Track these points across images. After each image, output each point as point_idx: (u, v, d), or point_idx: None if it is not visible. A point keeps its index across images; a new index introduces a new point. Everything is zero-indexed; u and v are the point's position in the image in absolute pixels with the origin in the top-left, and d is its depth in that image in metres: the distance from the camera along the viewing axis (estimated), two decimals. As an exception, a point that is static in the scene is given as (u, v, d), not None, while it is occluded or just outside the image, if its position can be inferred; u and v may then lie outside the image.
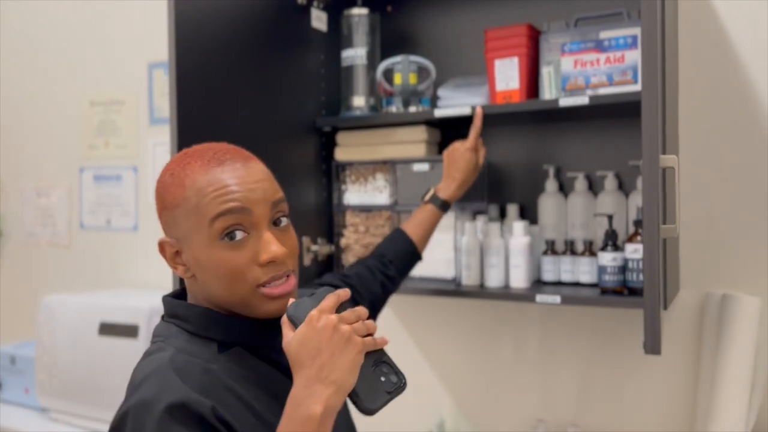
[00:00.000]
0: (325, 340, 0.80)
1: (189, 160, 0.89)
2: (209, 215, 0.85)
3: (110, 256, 2.51)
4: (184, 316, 0.90)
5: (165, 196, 0.89)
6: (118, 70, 2.48)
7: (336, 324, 0.81)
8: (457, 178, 1.51)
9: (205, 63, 1.42)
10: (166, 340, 0.88)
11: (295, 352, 0.81)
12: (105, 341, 2.00)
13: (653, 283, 0.95)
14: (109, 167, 2.52)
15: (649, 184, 0.95)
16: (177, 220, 0.88)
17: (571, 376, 1.73)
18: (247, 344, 0.90)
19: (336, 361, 0.79)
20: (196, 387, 0.81)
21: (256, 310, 0.87)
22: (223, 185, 0.86)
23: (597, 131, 1.67)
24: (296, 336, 0.81)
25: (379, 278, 1.36)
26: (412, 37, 1.87)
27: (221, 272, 0.85)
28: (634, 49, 1.53)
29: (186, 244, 0.88)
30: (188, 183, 0.87)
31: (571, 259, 1.59)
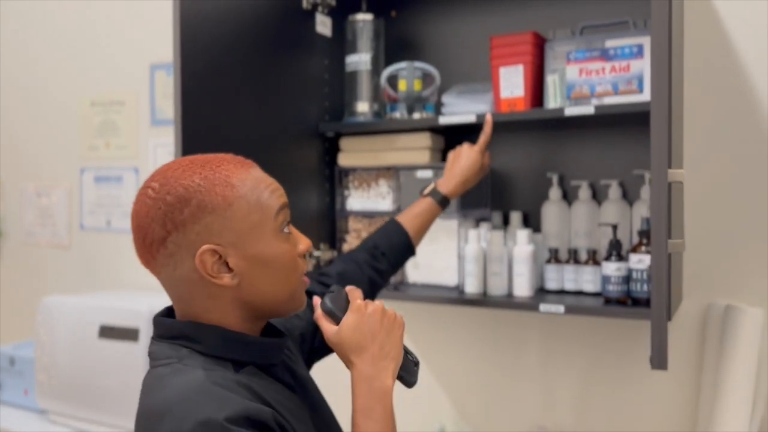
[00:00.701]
0: (378, 323, 0.91)
1: (218, 163, 0.87)
2: (274, 207, 0.87)
3: (110, 257, 2.51)
4: (194, 337, 0.85)
5: (207, 200, 0.83)
6: (119, 71, 2.47)
7: (383, 309, 0.93)
8: (458, 175, 1.49)
9: (209, 66, 1.41)
10: (182, 361, 0.83)
11: (350, 338, 0.90)
12: (105, 344, 2.00)
13: (660, 298, 0.95)
14: (109, 168, 2.51)
15: (656, 198, 0.95)
16: (229, 221, 0.84)
17: (572, 385, 1.73)
18: (258, 363, 0.89)
19: (392, 339, 0.92)
20: (247, 398, 0.80)
21: (297, 302, 0.91)
22: (270, 182, 0.89)
23: (601, 140, 1.67)
24: (348, 324, 0.91)
25: (368, 273, 1.32)
26: (416, 42, 1.87)
27: (284, 263, 0.88)
28: (640, 59, 1.53)
29: (238, 246, 0.84)
30: (236, 181, 0.85)
31: (575, 268, 1.59)
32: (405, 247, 1.40)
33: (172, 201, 0.83)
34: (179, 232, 0.83)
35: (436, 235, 1.67)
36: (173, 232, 0.83)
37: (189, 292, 0.86)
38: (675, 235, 1.04)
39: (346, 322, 0.91)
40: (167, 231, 0.83)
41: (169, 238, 0.83)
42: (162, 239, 0.83)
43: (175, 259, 0.84)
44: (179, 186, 0.83)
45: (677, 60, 1.28)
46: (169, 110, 2.37)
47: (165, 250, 0.84)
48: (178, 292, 0.87)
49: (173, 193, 0.83)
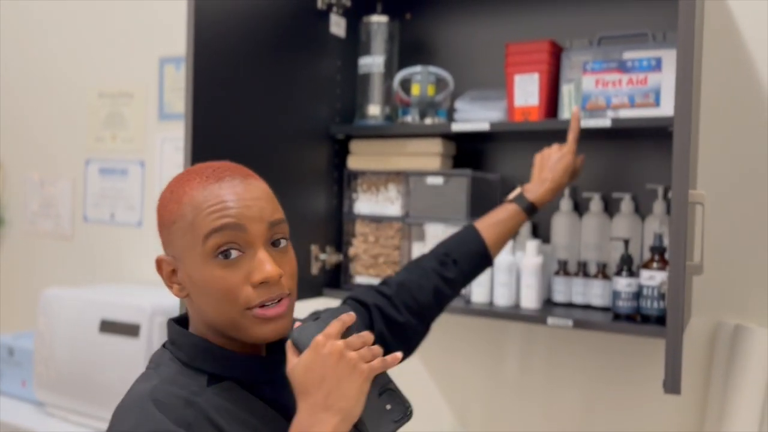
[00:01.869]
0: (331, 367, 0.78)
1: (189, 177, 0.87)
2: (204, 231, 0.82)
3: (113, 250, 2.49)
4: (179, 344, 0.87)
5: (163, 213, 0.88)
6: (129, 63, 2.46)
7: (342, 350, 0.79)
8: (549, 179, 1.39)
9: (221, 62, 1.40)
10: (156, 369, 0.85)
11: (300, 378, 0.79)
12: (105, 339, 1.98)
13: (676, 321, 0.93)
14: (115, 160, 2.50)
15: (676, 219, 0.93)
16: (173, 238, 0.85)
17: (575, 399, 1.71)
18: (239, 379, 0.85)
19: (342, 389, 0.78)
20: (176, 420, 0.77)
21: (248, 333, 0.83)
22: (219, 201, 0.83)
23: (616, 152, 1.65)
24: (301, 362, 0.80)
25: (434, 282, 1.22)
26: (430, 46, 1.84)
27: (213, 291, 0.82)
28: (658, 72, 1.51)
29: (181, 262, 0.85)
30: (186, 199, 0.85)
31: (584, 281, 1.57)
32: (480, 256, 1.29)
33: (157, 206, 0.90)
34: (160, 234, 0.89)
35: (444, 243, 1.65)
36: (159, 232, 0.90)
37: None
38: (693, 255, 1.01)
39: (300, 359, 0.80)
40: (158, 228, 0.90)
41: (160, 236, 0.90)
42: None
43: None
44: (161, 195, 0.89)
45: (697, 75, 1.25)
46: (177, 105, 2.35)
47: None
48: None
49: (158, 200, 0.90)
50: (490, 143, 1.78)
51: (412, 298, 1.20)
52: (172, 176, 0.92)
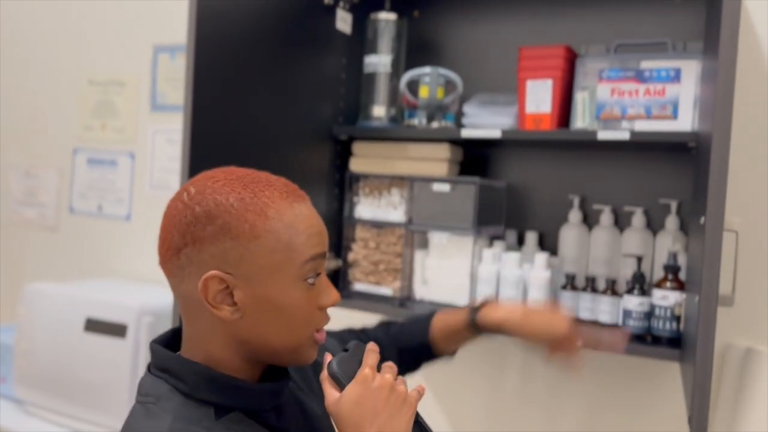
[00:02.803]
0: (383, 401, 0.78)
1: (263, 187, 0.78)
2: (306, 255, 0.78)
3: (99, 244, 2.41)
4: (178, 374, 0.78)
5: (234, 223, 0.76)
6: (121, 50, 2.37)
7: (393, 384, 0.79)
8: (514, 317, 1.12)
9: (222, 55, 1.34)
10: (158, 403, 0.77)
11: (349, 412, 0.78)
12: (90, 338, 1.90)
13: (706, 358, 0.88)
14: (104, 151, 2.41)
15: (710, 248, 0.87)
16: (249, 254, 0.76)
17: (578, 418, 1.66)
18: (246, 408, 0.80)
19: (395, 423, 0.78)
20: None
21: (302, 356, 0.81)
22: (313, 224, 0.79)
23: (628, 164, 1.59)
24: (349, 396, 0.78)
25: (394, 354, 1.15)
26: (437, 45, 1.78)
27: (294, 314, 0.78)
28: (676, 83, 1.46)
29: (250, 281, 0.76)
30: (272, 213, 0.76)
31: (592, 297, 1.51)
32: (428, 355, 1.17)
33: (199, 214, 0.76)
34: (195, 247, 0.76)
35: (447, 251, 1.59)
36: (190, 245, 0.77)
37: (190, 311, 0.80)
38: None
39: (347, 393, 0.79)
40: (185, 242, 0.77)
41: (183, 250, 0.77)
42: (177, 249, 0.78)
43: (184, 273, 0.78)
44: (212, 200, 0.77)
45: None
46: (170, 95, 2.27)
47: (177, 260, 0.78)
48: (182, 307, 0.81)
49: (203, 206, 0.77)
50: (497, 149, 1.72)
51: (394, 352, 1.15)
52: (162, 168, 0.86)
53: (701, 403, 0.88)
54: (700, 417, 0.88)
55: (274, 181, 0.80)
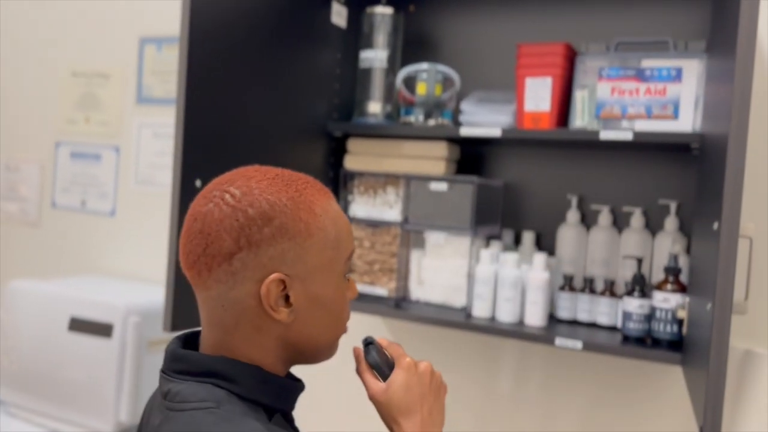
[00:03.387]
0: (427, 386, 0.85)
1: (303, 185, 0.77)
2: (349, 250, 0.81)
3: (83, 239, 2.35)
4: (230, 377, 0.75)
5: (290, 223, 0.74)
6: (106, 42, 2.30)
7: (432, 370, 0.86)
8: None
9: (216, 48, 1.30)
10: (221, 407, 0.72)
11: (400, 399, 0.82)
12: (75, 338, 1.85)
13: (720, 366, 0.86)
14: (88, 144, 2.35)
15: (726, 254, 0.85)
16: (305, 252, 0.75)
17: (573, 421, 1.65)
18: (285, 409, 0.81)
19: (439, 404, 0.86)
20: None
21: (334, 350, 0.85)
22: (347, 220, 0.82)
23: (627, 163, 1.58)
24: (398, 383, 0.83)
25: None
26: (434, 41, 1.75)
27: (338, 310, 0.81)
28: (678, 83, 1.44)
29: (304, 281, 0.76)
30: (319, 211, 0.76)
31: (590, 298, 1.50)
32: None
33: (254, 215, 0.74)
34: (252, 251, 0.74)
35: (444, 251, 1.56)
36: (245, 249, 0.74)
37: (237, 318, 0.76)
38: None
39: (395, 380, 0.83)
40: (239, 247, 0.74)
41: (237, 255, 0.74)
42: (230, 254, 0.74)
43: (237, 278, 0.74)
44: (264, 201, 0.74)
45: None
46: (157, 88, 2.21)
47: (229, 266, 0.74)
48: (222, 316, 0.77)
49: (256, 207, 0.74)
50: (494, 147, 1.70)
51: None
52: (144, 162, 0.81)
53: (714, 413, 0.86)
54: (714, 426, 0.86)
55: (306, 178, 0.80)
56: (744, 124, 0.85)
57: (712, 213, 0.97)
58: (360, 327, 1.87)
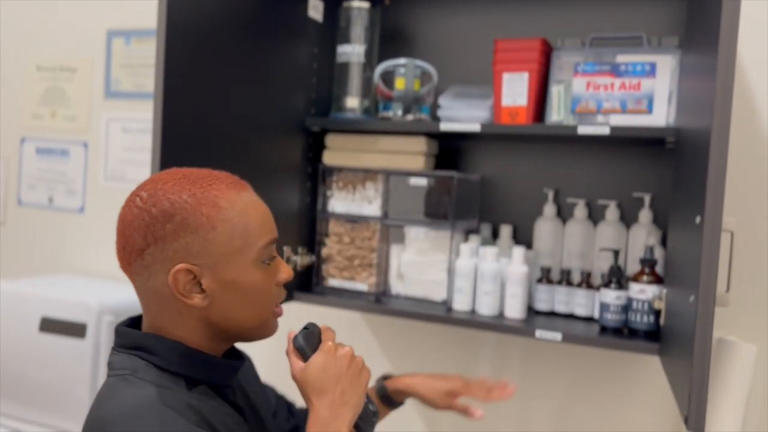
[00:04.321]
0: (345, 369, 0.88)
1: (210, 181, 0.86)
2: (263, 240, 0.87)
3: (51, 237, 2.30)
4: (152, 350, 0.86)
5: (188, 217, 0.83)
6: (72, 34, 2.25)
7: (352, 354, 0.90)
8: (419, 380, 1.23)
9: (192, 43, 1.27)
10: (135, 374, 0.84)
11: (315, 379, 0.87)
12: (46, 339, 1.81)
13: (704, 358, 0.88)
14: (55, 140, 2.29)
15: (709, 248, 0.88)
16: (210, 243, 0.84)
17: (549, 409, 1.68)
18: (212, 382, 0.89)
19: (355, 387, 0.88)
20: (194, 422, 0.80)
21: (266, 331, 0.91)
22: (262, 211, 0.89)
23: (602, 157, 1.60)
24: (315, 364, 0.88)
25: None
26: (409, 35, 1.75)
27: (256, 293, 0.87)
28: (652, 78, 1.47)
29: (214, 269, 0.84)
30: (224, 204, 0.85)
31: (567, 290, 1.52)
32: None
33: (157, 214, 0.83)
34: (158, 246, 0.84)
35: (423, 245, 1.57)
36: (152, 244, 0.84)
37: (158, 304, 0.87)
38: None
39: (314, 361, 0.88)
40: (147, 243, 0.84)
41: (147, 250, 0.84)
42: (140, 250, 0.84)
43: (150, 271, 0.85)
44: (166, 200, 0.84)
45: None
46: (125, 82, 2.17)
47: (141, 260, 0.85)
48: (147, 302, 0.88)
49: (159, 207, 0.84)
50: (471, 142, 1.71)
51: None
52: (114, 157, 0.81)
53: (698, 403, 0.89)
54: (698, 415, 0.88)
55: (218, 175, 0.88)
56: (726, 119, 0.87)
57: (693, 206, 0.99)
58: (340, 322, 1.87)
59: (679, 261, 1.14)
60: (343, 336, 1.85)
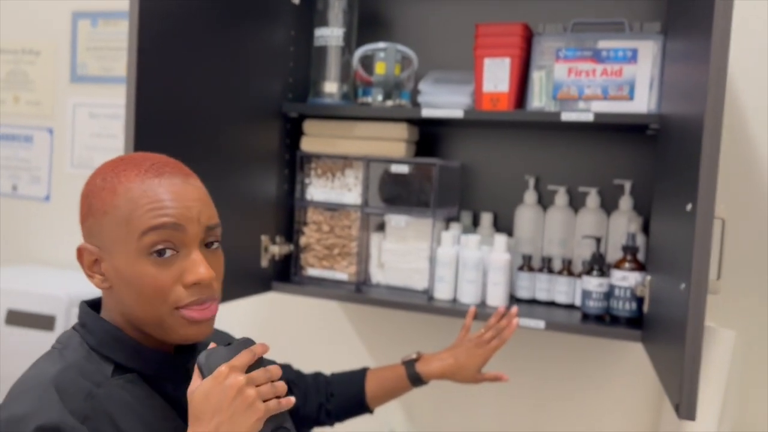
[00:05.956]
0: (228, 400, 0.77)
1: (125, 167, 0.85)
2: (141, 228, 0.81)
3: (16, 227, 2.22)
4: (90, 329, 0.86)
5: (93, 201, 0.85)
6: (35, 16, 2.16)
7: (242, 386, 0.78)
8: (449, 363, 1.30)
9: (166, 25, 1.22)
10: (63, 351, 0.85)
11: (196, 404, 0.78)
12: (13, 331, 1.75)
13: (696, 346, 0.88)
14: (18, 126, 2.21)
15: (701, 235, 0.87)
16: (102, 228, 0.84)
17: (529, 396, 1.68)
18: (143, 372, 0.86)
19: (234, 424, 0.77)
20: (75, 411, 0.77)
21: (172, 333, 0.84)
22: (158, 198, 0.82)
23: (583, 144, 1.59)
24: (201, 388, 0.79)
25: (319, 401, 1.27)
26: (388, 19, 1.71)
27: (143, 288, 0.82)
28: (633, 64, 1.46)
29: (108, 254, 0.84)
30: (121, 190, 0.83)
31: (548, 278, 1.52)
32: (357, 404, 1.29)
33: (83, 194, 0.87)
34: (81, 223, 0.87)
35: (404, 234, 1.55)
36: (80, 221, 0.88)
37: None
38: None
39: (200, 385, 0.79)
40: (80, 218, 0.88)
41: (80, 225, 0.88)
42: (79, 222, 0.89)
43: None
44: (90, 182, 0.87)
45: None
46: (92, 66, 2.09)
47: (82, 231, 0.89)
48: None
49: (85, 187, 0.87)
50: (450, 128, 1.69)
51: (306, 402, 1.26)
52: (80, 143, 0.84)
53: (690, 391, 0.88)
54: (689, 403, 0.88)
55: (147, 161, 0.86)
56: (720, 105, 0.86)
57: (682, 193, 0.99)
58: (319, 312, 1.84)
59: (665, 248, 1.14)
60: (322, 326, 1.84)
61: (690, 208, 0.91)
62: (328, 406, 1.26)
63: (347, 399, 1.27)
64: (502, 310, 1.36)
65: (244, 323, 1.90)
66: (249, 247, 1.50)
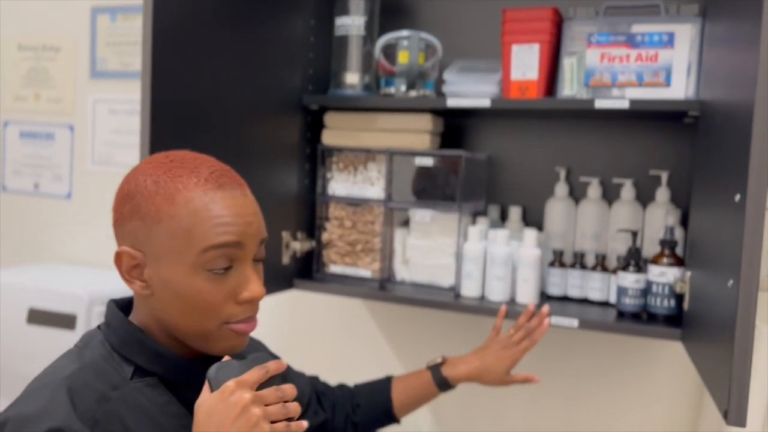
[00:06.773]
0: (230, 419, 0.73)
1: (180, 172, 0.81)
2: (204, 244, 0.79)
3: (37, 225, 2.21)
4: (114, 328, 0.84)
5: (143, 204, 0.80)
6: (54, 12, 2.14)
7: (247, 404, 0.73)
8: (477, 365, 1.26)
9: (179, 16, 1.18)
10: (82, 350, 0.83)
11: (201, 418, 0.75)
12: (34, 330, 1.74)
13: (746, 348, 0.81)
14: (39, 123, 2.19)
15: (752, 230, 0.80)
16: (152, 235, 0.80)
17: (560, 398, 1.61)
18: (165, 377, 0.83)
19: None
20: (84, 415, 0.75)
21: (214, 345, 0.82)
22: (222, 214, 0.80)
23: (616, 133, 1.52)
24: (207, 402, 0.75)
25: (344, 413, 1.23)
26: (411, 6, 1.65)
27: (195, 303, 0.80)
28: (670, 48, 1.39)
29: (154, 262, 0.80)
30: (180, 200, 0.79)
31: (581, 274, 1.45)
32: (384, 413, 1.25)
33: (123, 193, 0.83)
34: (119, 224, 0.84)
35: (429, 229, 1.49)
36: (116, 222, 0.84)
37: None
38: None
39: (206, 399, 0.75)
40: (114, 218, 0.84)
41: (114, 226, 0.85)
42: (113, 224, 0.85)
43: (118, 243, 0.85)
44: (134, 181, 0.83)
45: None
46: (111, 61, 2.07)
47: (115, 233, 0.85)
48: None
49: (127, 185, 0.83)
50: (477, 119, 1.63)
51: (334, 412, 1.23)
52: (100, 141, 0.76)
53: (740, 396, 0.82)
54: (739, 410, 0.82)
55: (203, 168, 0.82)
56: (772, 89, 0.79)
57: (729, 184, 0.92)
58: (342, 310, 1.80)
59: (708, 242, 1.07)
60: (345, 325, 1.79)
61: (738, 198, 0.85)
62: (355, 418, 1.22)
63: (374, 409, 1.24)
64: (532, 308, 1.30)
65: (265, 321, 1.86)
66: (270, 243, 1.45)
